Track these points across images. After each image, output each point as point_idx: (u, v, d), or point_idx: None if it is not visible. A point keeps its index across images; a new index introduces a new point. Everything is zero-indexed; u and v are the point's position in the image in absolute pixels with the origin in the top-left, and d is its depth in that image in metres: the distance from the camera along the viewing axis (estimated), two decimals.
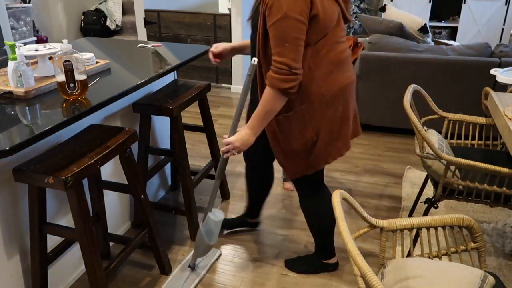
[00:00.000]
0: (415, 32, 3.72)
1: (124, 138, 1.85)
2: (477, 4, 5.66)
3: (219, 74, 4.92)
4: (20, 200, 1.78)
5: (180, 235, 2.50)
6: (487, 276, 1.36)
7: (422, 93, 2.29)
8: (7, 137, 1.49)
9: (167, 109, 2.18)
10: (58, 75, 1.78)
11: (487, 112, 2.33)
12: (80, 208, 1.64)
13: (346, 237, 1.13)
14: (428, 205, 2.09)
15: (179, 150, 2.30)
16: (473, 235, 1.49)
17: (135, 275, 2.21)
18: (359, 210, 1.40)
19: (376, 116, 3.66)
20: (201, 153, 3.46)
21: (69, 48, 1.75)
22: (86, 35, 5.88)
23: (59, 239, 2.01)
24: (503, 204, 1.96)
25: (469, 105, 3.37)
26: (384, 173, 3.15)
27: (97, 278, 1.74)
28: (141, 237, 2.05)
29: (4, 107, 1.74)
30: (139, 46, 2.72)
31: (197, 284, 2.14)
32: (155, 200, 2.80)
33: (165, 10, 4.87)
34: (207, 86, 2.51)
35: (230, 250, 2.38)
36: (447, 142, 2.24)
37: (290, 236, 2.49)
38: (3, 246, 1.73)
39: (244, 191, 2.93)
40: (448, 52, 3.42)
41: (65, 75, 1.74)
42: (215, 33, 4.76)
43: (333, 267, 2.22)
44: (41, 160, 1.67)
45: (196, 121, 3.94)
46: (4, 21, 3.97)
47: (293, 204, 2.78)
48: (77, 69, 1.76)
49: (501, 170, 1.83)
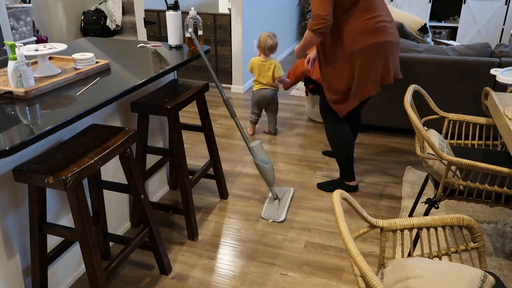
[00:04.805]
0: (415, 32, 3.72)
1: (124, 138, 1.85)
2: (477, 4, 5.66)
3: (219, 74, 4.92)
4: (20, 200, 1.78)
5: (179, 234, 2.51)
6: (487, 276, 1.36)
7: (422, 93, 2.29)
8: (7, 137, 1.49)
9: (164, 108, 2.18)
10: (187, 32, 2.53)
11: (487, 112, 2.33)
12: (80, 208, 1.64)
13: (346, 237, 1.13)
14: (428, 205, 2.09)
15: (177, 149, 2.30)
16: (473, 235, 1.49)
17: (135, 275, 2.21)
18: (359, 210, 1.40)
19: (376, 116, 3.66)
20: (201, 153, 3.46)
21: (195, 14, 2.54)
22: (86, 35, 5.88)
23: (59, 239, 2.02)
24: (504, 204, 1.96)
25: (469, 105, 3.37)
26: (384, 173, 3.15)
27: (97, 278, 1.74)
28: (141, 237, 2.05)
29: (4, 107, 1.74)
30: (139, 46, 2.72)
31: (287, 209, 2.71)
32: (154, 199, 2.80)
33: (165, 10, 4.87)
34: (205, 86, 2.51)
35: (230, 250, 2.39)
36: (447, 142, 2.24)
37: (290, 236, 2.49)
38: (3, 246, 1.72)
39: (244, 190, 2.94)
40: (448, 52, 3.42)
41: (195, 31, 2.54)
42: (215, 33, 4.76)
43: (353, 189, 2.92)
44: (41, 160, 1.67)
45: (195, 121, 3.94)
46: (4, 21, 3.97)
47: (293, 204, 2.79)
48: (200, 28, 2.58)
49: (502, 170, 1.83)
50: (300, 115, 4.20)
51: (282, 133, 3.78)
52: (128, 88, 1.98)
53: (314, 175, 3.12)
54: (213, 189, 2.95)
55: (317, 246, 2.41)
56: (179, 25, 2.65)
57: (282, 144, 3.59)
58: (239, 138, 3.71)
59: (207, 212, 2.72)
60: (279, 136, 3.73)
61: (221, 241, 2.45)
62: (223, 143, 3.62)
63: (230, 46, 4.75)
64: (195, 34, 2.54)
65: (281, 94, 4.74)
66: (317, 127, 3.91)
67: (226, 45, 4.77)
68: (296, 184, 3.01)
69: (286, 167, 3.23)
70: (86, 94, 1.89)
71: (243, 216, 2.68)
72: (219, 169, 2.77)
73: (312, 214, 2.68)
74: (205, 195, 2.90)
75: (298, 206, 2.77)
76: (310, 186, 2.98)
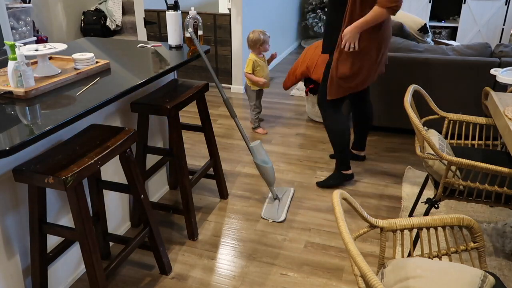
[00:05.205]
0: (415, 32, 3.72)
1: (124, 138, 1.85)
2: (477, 4, 5.66)
3: (219, 74, 4.92)
4: (20, 200, 1.78)
5: (179, 234, 2.51)
6: (487, 276, 1.36)
7: (422, 93, 2.29)
8: (7, 137, 1.49)
9: (164, 108, 2.18)
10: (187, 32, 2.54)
11: (487, 112, 2.33)
12: (80, 208, 1.64)
13: (346, 237, 1.13)
14: (429, 205, 2.09)
15: (177, 149, 2.30)
16: (473, 235, 1.49)
17: (135, 275, 2.21)
18: (359, 210, 1.40)
19: (376, 116, 3.66)
20: (201, 152, 3.46)
21: (195, 14, 2.55)
22: (86, 35, 5.88)
23: (59, 239, 2.01)
24: (504, 204, 1.96)
25: (469, 105, 3.37)
26: (384, 173, 3.15)
27: (97, 278, 1.74)
28: (141, 237, 2.05)
29: (4, 107, 1.74)
30: (139, 46, 2.72)
31: (287, 209, 2.71)
32: (154, 199, 2.80)
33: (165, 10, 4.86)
34: (205, 86, 2.51)
35: (230, 250, 2.39)
36: (447, 142, 2.24)
37: (290, 236, 2.49)
38: (3, 246, 1.72)
39: (244, 190, 2.94)
40: (448, 52, 3.42)
41: (195, 31, 2.55)
42: (215, 33, 4.76)
43: (350, 177, 3.00)
44: (41, 160, 1.67)
45: (195, 121, 3.94)
46: (4, 21, 3.97)
47: (293, 204, 2.79)
48: (200, 28, 2.59)
49: (502, 170, 1.83)
50: (300, 115, 4.20)
51: (282, 133, 3.78)
52: (128, 88, 1.98)
53: (314, 175, 3.12)
54: (213, 189, 2.95)
55: (317, 246, 2.41)
56: (179, 25, 2.65)
57: (282, 144, 3.59)
58: (239, 138, 3.71)
59: (207, 212, 2.72)
60: (279, 136, 3.73)
61: (221, 241, 2.45)
62: (223, 143, 3.62)
63: (230, 46, 4.75)
64: (195, 34, 2.54)
65: (281, 94, 4.74)
66: (317, 127, 3.91)
67: (226, 45, 4.77)
68: (296, 184, 3.01)
69: (286, 167, 3.23)
70: (86, 94, 1.89)
71: (243, 216, 2.68)
72: (219, 169, 2.77)
73: (312, 214, 2.68)
74: (205, 195, 2.90)
75: (298, 206, 2.77)
76: (310, 186, 2.98)
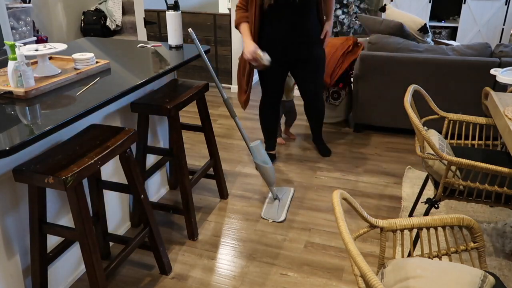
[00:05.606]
0: (415, 32, 3.71)
1: (124, 138, 1.85)
2: (477, 4, 5.65)
3: (219, 74, 4.92)
4: (20, 200, 1.78)
5: (179, 234, 2.51)
6: (487, 276, 1.36)
7: (422, 93, 2.29)
8: (7, 137, 1.49)
9: (164, 108, 2.18)
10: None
11: (487, 112, 2.33)
12: (80, 208, 1.64)
13: (346, 237, 1.13)
14: (429, 205, 2.09)
15: (177, 149, 2.30)
16: (473, 235, 1.49)
17: (135, 275, 2.21)
18: (359, 210, 1.40)
19: (376, 116, 3.66)
20: (201, 152, 3.46)
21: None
22: (86, 35, 5.88)
23: (59, 239, 2.01)
24: (504, 204, 1.96)
25: (469, 105, 3.37)
26: (384, 173, 3.15)
27: (97, 278, 1.74)
28: (141, 237, 2.05)
29: (4, 107, 1.74)
30: (139, 46, 2.72)
31: (287, 209, 2.72)
32: (154, 199, 2.80)
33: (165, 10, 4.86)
34: (205, 86, 2.51)
35: (230, 250, 2.39)
36: (447, 142, 2.24)
37: (290, 236, 2.49)
38: (3, 246, 1.72)
39: (244, 190, 2.94)
40: (448, 52, 3.42)
41: None
42: (215, 33, 4.76)
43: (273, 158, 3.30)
44: (41, 160, 1.67)
45: (195, 121, 3.94)
46: (4, 21, 3.97)
47: (293, 204, 2.79)
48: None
49: (502, 170, 1.83)
50: (300, 115, 4.19)
51: (282, 133, 3.78)
52: (128, 88, 1.98)
53: (314, 175, 3.12)
54: (213, 189, 2.95)
55: (317, 246, 2.41)
56: (179, 25, 2.65)
57: (282, 144, 3.59)
58: (239, 138, 3.71)
59: (207, 212, 2.72)
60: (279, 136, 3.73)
61: (221, 241, 2.45)
62: (223, 143, 3.62)
63: (230, 46, 4.75)
64: None
65: None
66: None
67: (226, 45, 4.77)
68: (296, 184, 3.01)
69: (286, 167, 3.23)
70: (86, 94, 1.89)
71: (243, 216, 2.68)
72: (219, 169, 2.77)
73: (312, 214, 2.68)
74: (205, 195, 2.90)
75: (298, 206, 2.77)
76: (310, 186, 2.98)
